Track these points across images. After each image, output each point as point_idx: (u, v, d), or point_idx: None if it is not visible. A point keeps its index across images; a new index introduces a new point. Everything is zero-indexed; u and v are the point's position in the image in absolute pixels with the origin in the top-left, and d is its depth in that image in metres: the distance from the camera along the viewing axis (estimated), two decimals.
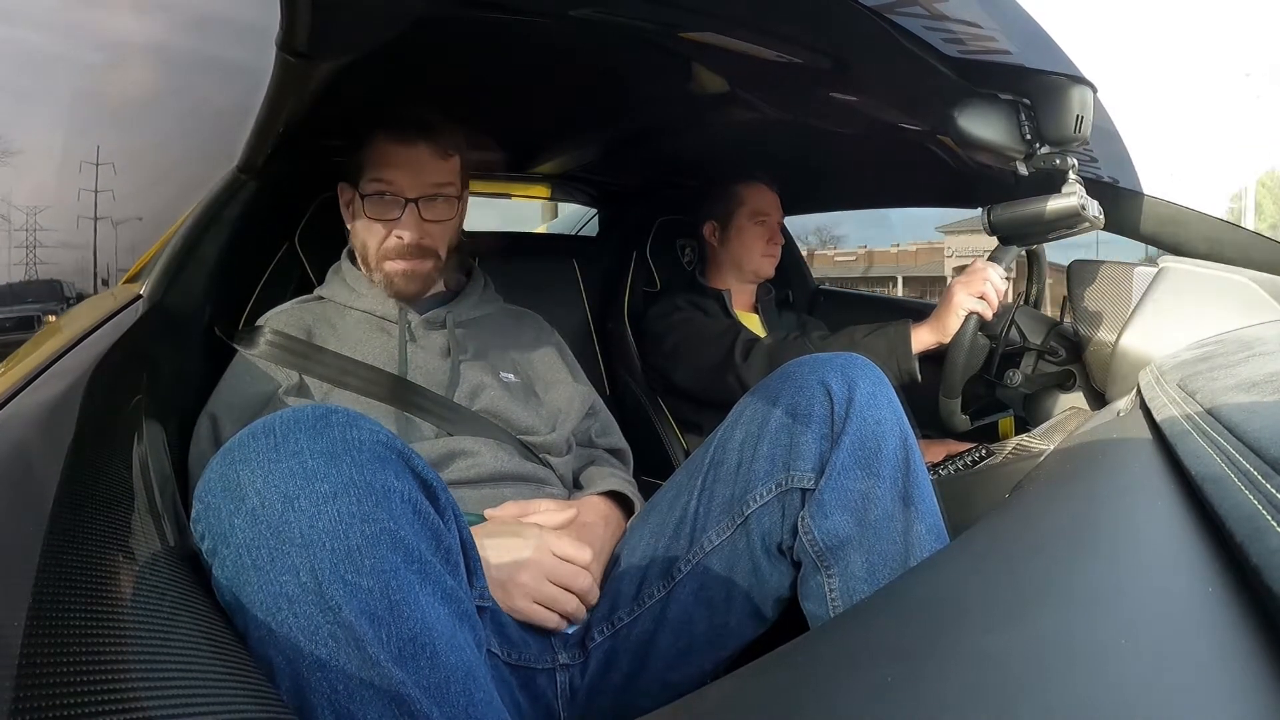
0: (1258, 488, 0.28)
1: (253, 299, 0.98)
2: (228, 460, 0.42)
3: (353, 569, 0.39)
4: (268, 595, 0.39)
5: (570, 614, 0.62)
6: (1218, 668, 0.23)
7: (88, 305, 0.87)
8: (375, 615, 0.39)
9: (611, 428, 0.94)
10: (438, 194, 0.81)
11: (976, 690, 0.25)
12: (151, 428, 0.59)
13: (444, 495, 0.48)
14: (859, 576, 0.57)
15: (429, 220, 0.81)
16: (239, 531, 0.40)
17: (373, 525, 0.41)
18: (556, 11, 0.74)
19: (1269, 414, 0.33)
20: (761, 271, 1.30)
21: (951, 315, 0.95)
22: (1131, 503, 0.37)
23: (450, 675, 0.41)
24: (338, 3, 0.55)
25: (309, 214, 1.03)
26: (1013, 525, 0.41)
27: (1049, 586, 0.31)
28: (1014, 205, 0.86)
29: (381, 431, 0.45)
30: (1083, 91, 0.77)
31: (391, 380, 0.77)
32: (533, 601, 0.61)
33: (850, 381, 0.59)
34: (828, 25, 0.73)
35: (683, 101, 1.06)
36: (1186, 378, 0.49)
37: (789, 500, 0.59)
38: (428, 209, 0.80)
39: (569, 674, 0.63)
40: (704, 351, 1.16)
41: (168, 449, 0.63)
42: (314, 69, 0.65)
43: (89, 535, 0.35)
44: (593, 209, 1.76)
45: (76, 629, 0.29)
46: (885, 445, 0.57)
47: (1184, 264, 0.94)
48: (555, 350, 0.93)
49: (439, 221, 0.82)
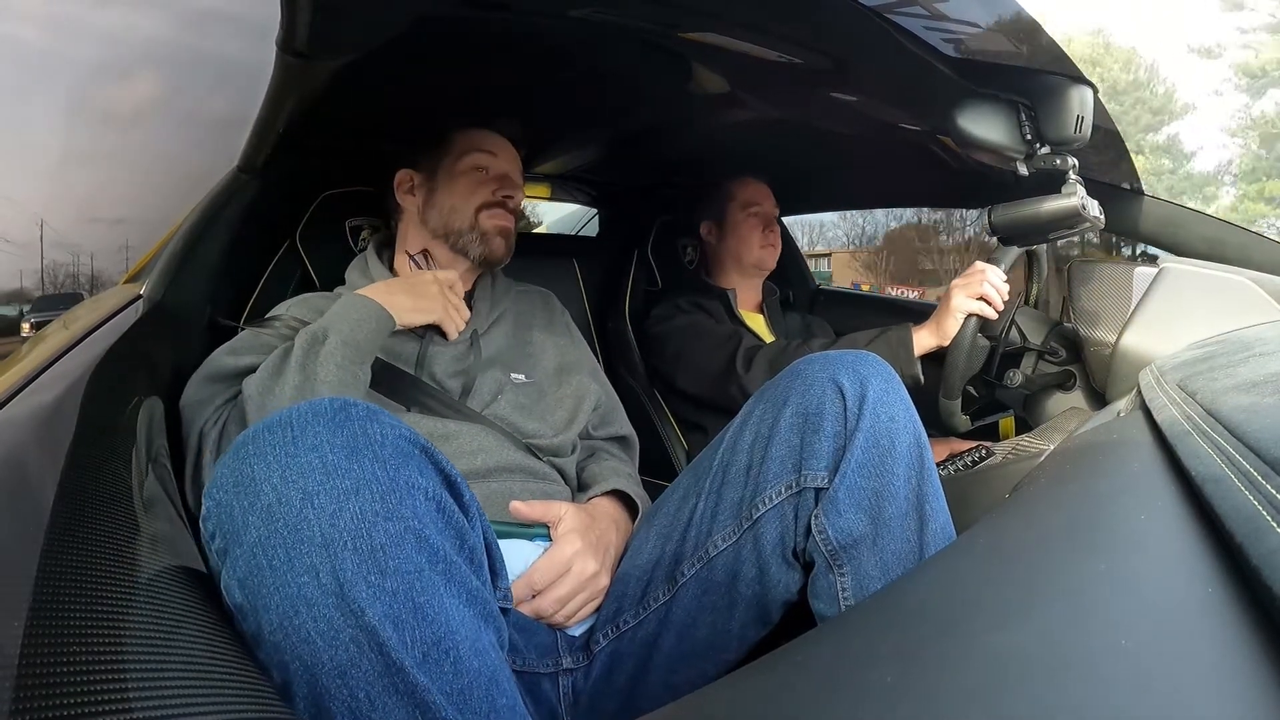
0: (1258, 488, 0.28)
1: (253, 298, 0.98)
2: (241, 455, 0.40)
3: (376, 570, 0.38)
4: (284, 597, 0.37)
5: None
6: (1217, 668, 0.23)
7: (88, 305, 0.87)
8: (399, 618, 0.38)
9: (613, 416, 0.94)
10: (521, 181, 0.95)
11: (976, 690, 0.25)
12: (152, 428, 0.59)
13: (467, 493, 0.46)
14: (872, 576, 0.56)
15: (519, 193, 0.93)
16: (253, 530, 0.38)
17: (396, 523, 0.39)
18: (556, 11, 0.74)
19: (1269, 414, 0.33)
20: (763, 263, 1.30)
21: (950, 318, 0.95)
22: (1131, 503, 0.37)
23: (474, 681, 0.39)
24: (338, 3, 0.55)
25: (309, 213, 1.03)
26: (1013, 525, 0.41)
27: (1049, 586, 0.31)
28: (1014, 205, 0.86)
29: (403, 426, 0.44)
30: (1082, 92, 0.77)
31: (404, 378, 0.77)
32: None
33: (862, 379, 0.58)
34: (828, 25, 0.72)
35: (683, 101, 1.06)
36: (1186, 378, 0.49)
37: (802, 501, 0.58)
38: (518, 190, 0.93)
39: (572, 677, 0.63)
40: (706, 359, 1.16)
41: (168, 449, 0.63)
42: (314, 69, 0.65)
43: (89, 536, 0.35)
44: (593, 209, 1.76)
45: (76, 629, 0.28)
46: (899, 443, 0.57)
47: (1184, 264, 0.94)
48: (568, 332, 0.97)
49: (520, 200, 0.94)
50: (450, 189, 0.90)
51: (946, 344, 0.95)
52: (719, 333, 1.19)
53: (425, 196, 0.91)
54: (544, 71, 0.95)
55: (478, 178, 0.90)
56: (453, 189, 0.90)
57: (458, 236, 0.89)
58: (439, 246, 0.90)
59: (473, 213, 0.89)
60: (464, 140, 0.91)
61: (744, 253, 1.29)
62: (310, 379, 0.67)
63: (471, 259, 0.90)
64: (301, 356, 0.68)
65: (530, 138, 1.01)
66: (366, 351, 0.72)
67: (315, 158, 1.04)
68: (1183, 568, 0.29)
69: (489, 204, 0.89)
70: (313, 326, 0.72)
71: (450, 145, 0.91)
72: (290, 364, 0.68)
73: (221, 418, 0.68)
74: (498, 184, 0.90)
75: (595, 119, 1.20)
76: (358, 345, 0.71)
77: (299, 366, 0.68)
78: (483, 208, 0.89)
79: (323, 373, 0.67)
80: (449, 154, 0.91)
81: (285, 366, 0.68)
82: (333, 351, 0.69)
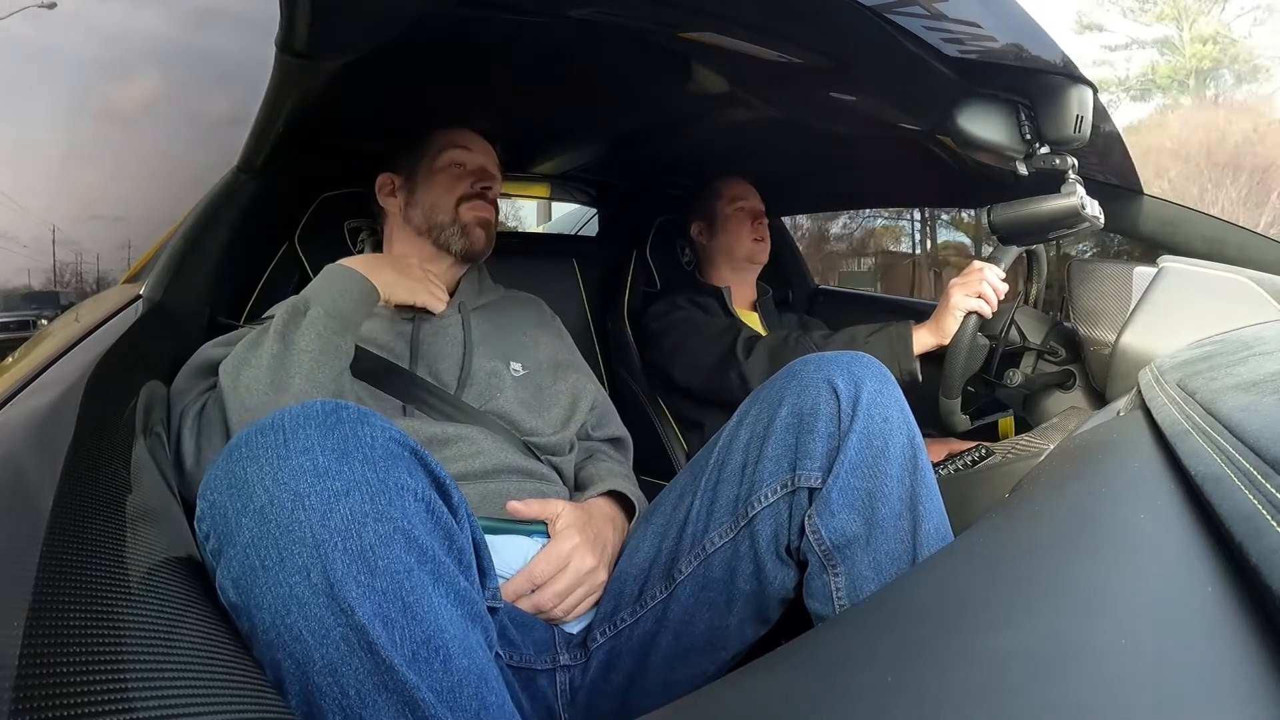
0: (1257, 487, 0.28)
1: (253, 298, 0.98)
2: (234, 457, 0.41)
3: (366, 569, 0.39)
4: (276, 597, 0.38)
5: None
6: (1217, 667, 0.23)
7: (87, 305, 0.87)
8: (388, 617, 0.38)
9: (608, 417, 0.94)
10: (499, 175, 0.96)
11: (976, 690, 0.25)
12: (151, 428, 0.59)
13: (456, 494, 0.47)
14: (866, 576, 0.56)
15: (497, 186, 0.95)
16: (246, 530, 0.39)
17: (386, 524, 0.40)
18: (556, 11, 0.74)
19: (1269, 414, 0.33)
20: (755, 257, 1.31)
21: (949, 316, 0.95)
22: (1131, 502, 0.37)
23: (463, 678, 0.40)
24: (338, 3, 0.55)
25: (309, 213, 1.03)
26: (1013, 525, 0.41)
27: (1049, 586, 0.31)
28: (1013, 205, 0.86)
29: (393, 428, 0.44)
30: (1082, 91, 0.77)
31: (398, 373, 0.77)
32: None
33: (857, 380, 0.58)
34: (828, 25, 0.72)
35: (683, 101, 1.06)
36: (1186, 377, 0.49)
37: (796, 500, 0.59)
38: (495, 183, 0.95)
39: (569, 674, 0.63)
40: (705, 349, 1.15)
41: (167, 449, 0.63)
42: (314, 69, 0.65)
43: (88, 536, 0.35)
44: (593, 209, 1.76)
45: (75, 629, 0.28)
46: (892, 444, 0.57)
47: (1184, 264, 0.94)
48: (560, 335, 0.97)
49: (497, 193, 0.95)
50: (429, 186, 0.91)
51: (946, 342, 0.96)
52: (716, 325, 1.19)
53: (406, 197, 0.92)
54: (544, 71, 0.95)
55: (455, 173, 0.92)
56: (431, 186, 0.91)
57: (440, 231, 0.89)
58: (423, 244, 0.91)
59: (453, 206, 0.90)
60: (439, 139, 0.93)
61: (735, 247, 1.30)
62: (290, 347, 0.66)
63: (454, 253, 0.90)
64: (281, 326, 0.67)
65: (506, 133, 1.02)
66: (351, 322, 0.71)
67: (315, 159, 1.04)
68: (1182, 567, 0.29)
69: (468, 196, 0.91)
70: (294, 298, 0.71)
71: (427, 145, 0.93)
72: (269, 334, 0.67)
73: (204, 399, 0.67)
74: (475, 176, 0.92)
75: (595, 119, 1.20)
76: (341, 315, 0.70)
77: (278, 335, 0.66)
78: (462, 200, 0.90)
79: (303, 341, 0.66)
80: (426, 153, 0.92)
81: (263, 339, 0.67)
82: (314, 321, 0.68)
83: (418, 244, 0.91)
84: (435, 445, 0.73)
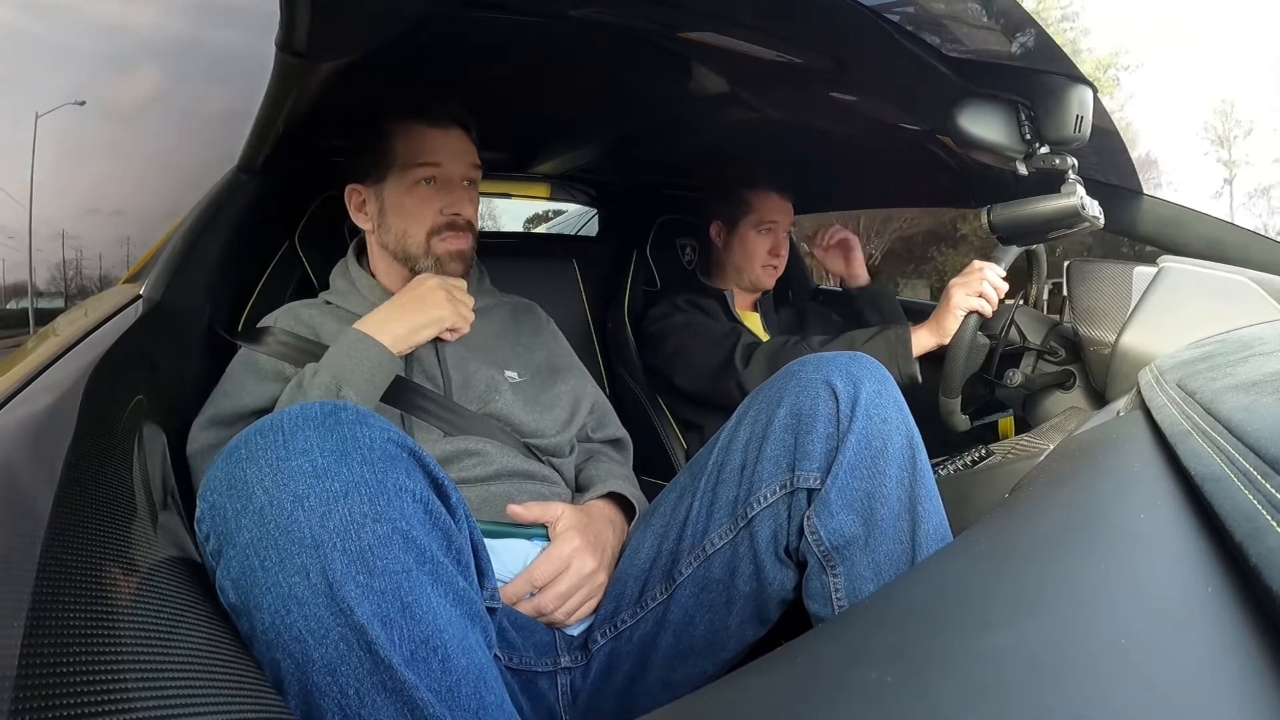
0: (1257, 487, 0.28)
1: (253, 298, 0.98)
2: (233, 459, 0.41)
3: (364, 570, 0.39)
4: (275, 597, 0.38)
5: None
6: (1217, 667, 0.23)
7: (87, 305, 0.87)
8: (387, 617, 0.39)
9: (608, 419, 0.94)
10: (476, 174, 0.86)
11: (976, 690, 0.25)
12: (151, 428, 0.59)
13: (454, 494, 0.47)
14: (865, 577, 0.56)
15: (471, 200, 0.86)
16: (245, 531, 0.39)
17: (384, 525, 0.40)
18: (556, 11, 0.74)
19: (1268, 414, 0.33)
20: (760, 283, 1.29)
21: (950, 316, 0.95)
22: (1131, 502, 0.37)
23: (461, 678, 0.40)
24: (338, 3, 0.55)
25: (309, 213, 1.02)
26: (1012, 525, 0.41)
27: (1049, 586, 0.31)
28: (1013, 205, 0.86)
29: (391, 429, 0.45)
30: (1082, 92, 0.77)
31: (396, 381, 0.77)
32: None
33: (855, 381, 0.58)
34: (827, 25, 0.73)
35: (683, 101, 1.06)
36: (1186, 377, 0.49)
37: (795, 500, 0.59)
38: (471, 189, 0.86)
39: (570, 676, 0.63)
40: (704, 355, 1.15)
41: (167, 449, 0.63)
42: (314, 69, 0.65)
43: (88, 536, 0.35)
44: (592, 209, 1.76)
45: (75, 629, 0.28)
46: (891, 444, 0.57)
47: (1184, 264, 0.94)
48: (556, 338, 0.96)
49: (473, 202, 0.87)
50: (399, 210, 0.83)
51: (946, 342, 0.96)
52: (716, 330, 1.19)
53: (377, 218, 0.85)
54: (544, 71, 0.95)
55: (423, 195, 0.83)
56: (400, 209, 0.83)
57: (415, 261, 0.83)
58: (401, 269, 0.85)
59: (424, 239, 0.82)
60: (405, 148, 0.83)
61: (745, 267, 1.28)
62: None
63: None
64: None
65: (506, 133, 0.98)
66: (380, 393, 0.74)
67: (315, 158, 1.04)
68: (1182, 567, 0.29)
69: (438, 229, 0.82)
70: (324, 378, 0.69)
71: (393, 154, 0.83)
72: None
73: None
74: (446, 198, 0.83)
75: (595, 119, 1.20)
76: (373, 396, 0.72)
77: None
78: (432, 234, 0.83)
79: None
80: (393, 164, 0.83)
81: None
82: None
83: (396, 268, 0.85)
84: (442, 464, 0.72)
